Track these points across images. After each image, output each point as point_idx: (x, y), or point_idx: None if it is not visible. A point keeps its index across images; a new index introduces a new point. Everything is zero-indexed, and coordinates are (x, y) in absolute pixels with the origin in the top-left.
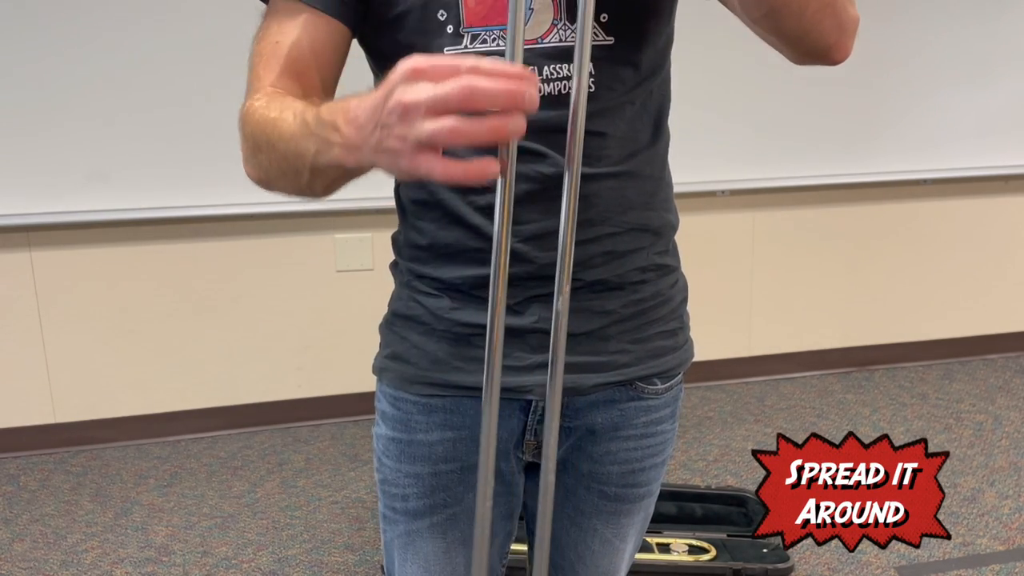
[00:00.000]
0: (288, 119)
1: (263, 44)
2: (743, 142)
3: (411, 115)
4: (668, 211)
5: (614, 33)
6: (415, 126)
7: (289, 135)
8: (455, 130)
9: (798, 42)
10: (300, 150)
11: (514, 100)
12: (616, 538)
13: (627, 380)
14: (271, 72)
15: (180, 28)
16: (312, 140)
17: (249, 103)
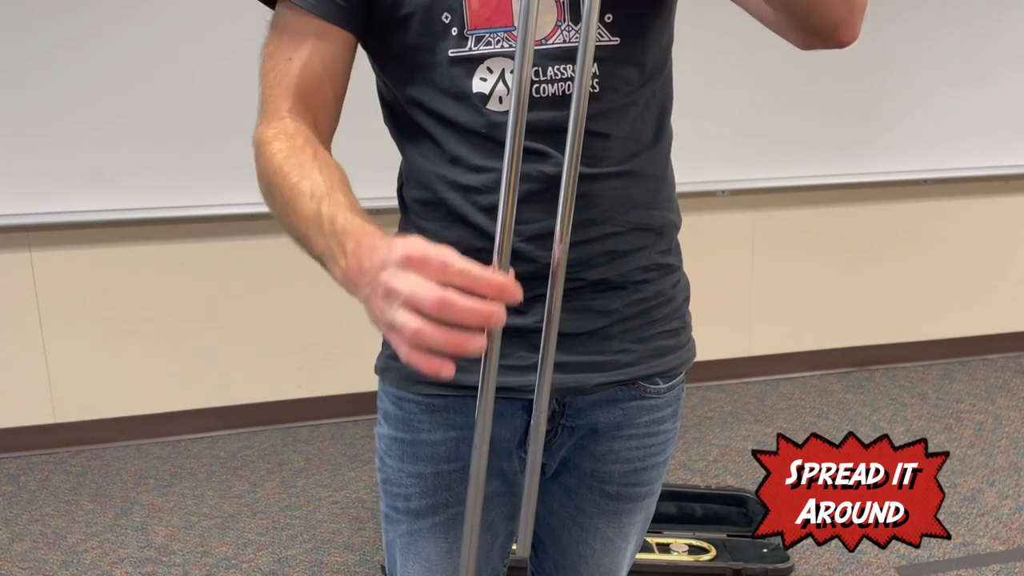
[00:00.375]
0: (304, 194)
1: (275, 60)
2: (743, 142)
3: (391, 299)
4: (670, 210)
5: (619, 33)
6: (391, 309)
7: (303, 217)
8: (419, 333)
9: (806, 18)
10: (309, 238)
11: (482, 321)
12: (618, 537)
13: (629, 379)
14: (286, 95)
15: (180, 28)
16: (321, 241)
17: (267, 133)
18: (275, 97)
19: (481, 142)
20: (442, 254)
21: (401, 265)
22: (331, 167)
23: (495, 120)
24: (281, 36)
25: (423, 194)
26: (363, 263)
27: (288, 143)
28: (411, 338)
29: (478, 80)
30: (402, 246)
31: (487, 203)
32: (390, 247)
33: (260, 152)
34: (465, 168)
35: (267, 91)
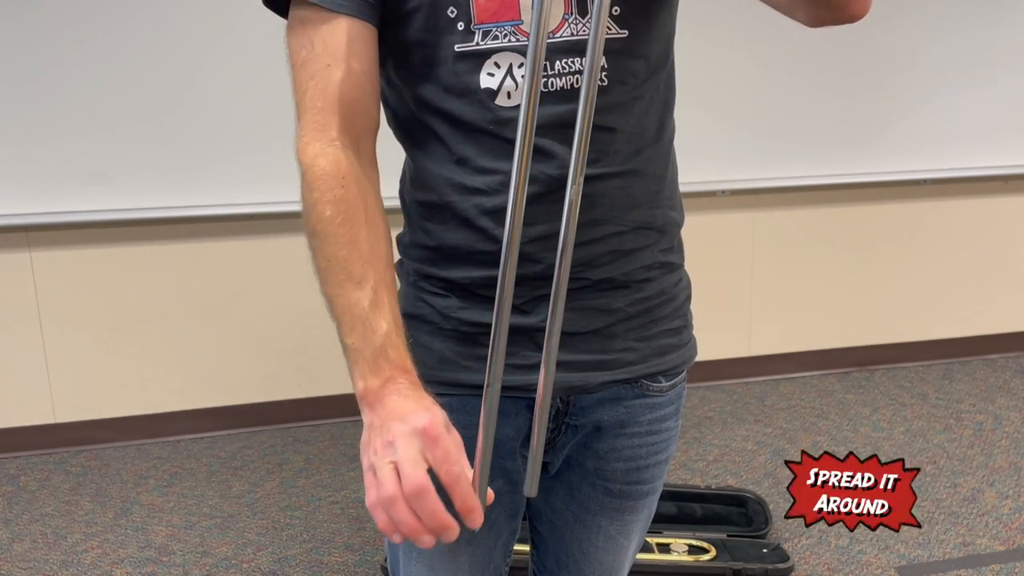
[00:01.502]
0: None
1: (313, 68)
2: (743, 142)
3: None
4: (673, 208)
5: (627, 26)
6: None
7: (341, 296)
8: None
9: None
10: (341, 322)
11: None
12: (620, 535)
13: (633, 378)
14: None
15: (181, 28)
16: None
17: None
18: (320, 108)
19: (488, 140)
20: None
21: (415, 433)
22: (378, 239)
23: (503, 116)
24: (313, 41)
25: (427, 196)
26: (386, 403)
27: (341, 191)
28: (383, 499)
29: (485, 75)
30: (426, 419)
31: (492, 206)
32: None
33: (310, 184)
34: (471, 169)
35: (310, 102)
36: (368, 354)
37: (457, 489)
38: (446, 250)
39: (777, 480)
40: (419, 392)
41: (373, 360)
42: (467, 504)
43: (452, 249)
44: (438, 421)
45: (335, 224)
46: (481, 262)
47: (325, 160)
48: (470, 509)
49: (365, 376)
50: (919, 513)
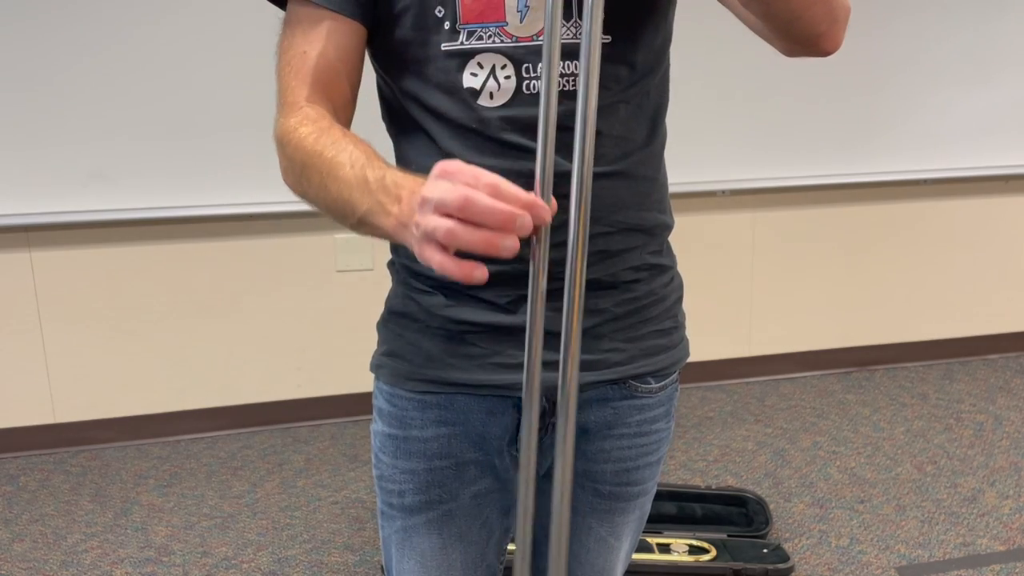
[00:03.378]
0: (344, 164)
1: (290, 54)
2: (743, 142)
3: (424, 208)
4: (662, 212)
5: (611, 31)
6: (425, 218)
7: (344, 182)
8: (450, 232)
9: (788, 28)
10: (353, 201)
11: (505, 222)
12: (611, 536)
13: (620, 378)
14: (303, 86)
15: (181, 28)
16: (368, 199)
17: (290, 122)
18: (292, 89)
19: (473, 138)
20: (475, 168)
21: (437, 177)
22: (363, 141)
23: (485, 116)
24: (295, 31)
25: None
26: (414, 201)
27: (315, 126)
28: (444, 238)
29: (468, 75)
30: (440, 163)
31: None
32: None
33: (287, 141)
34: None
35: (284, 84)
36: (382, 194)
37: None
38: None
39: (777, 480)
40: None
41: (388, 193)
42: (524, 200)
43: None
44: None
45: (319, 142)
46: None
47: (295, 118)
48: (531, 203)
49: (389, 211)
50: (920, 513)
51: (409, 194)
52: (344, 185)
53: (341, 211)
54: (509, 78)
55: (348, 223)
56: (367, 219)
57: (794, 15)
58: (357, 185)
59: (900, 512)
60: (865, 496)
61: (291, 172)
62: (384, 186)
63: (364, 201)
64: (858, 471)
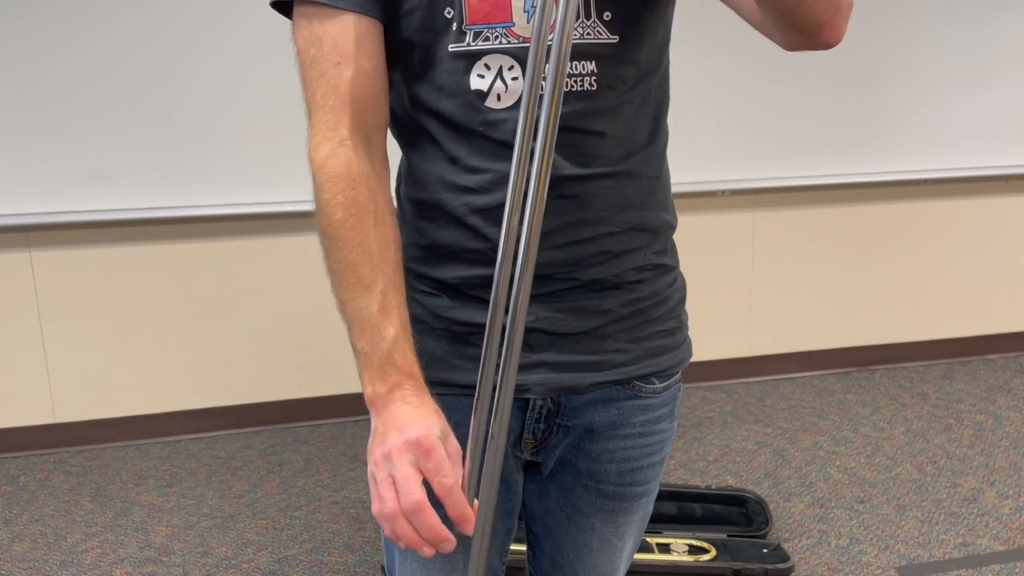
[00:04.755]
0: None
1: (323, 66)
2: (743, 142)
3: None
4: (666, 211)
5: (618, 31)
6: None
7: (352, 299)
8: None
9: (790, 16)
10: (352, 325)
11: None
12: (615, 537)
13: (625, 379)
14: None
15: (181, 29)
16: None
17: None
18: (331, 107)
19: (479, 141)
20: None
21: (409, 445)
22: (388, 243)
23: (492, 118)
24: (322, 40)
25: (420, 194)
26: (390, 409)
27: (352, 194)
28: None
29: (476, 77)
30: (420, 430)
31: (482, 204)
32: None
33: (320, 186)
34: (462, 168)
35: (321, 100)
36: (376, 360)
37: (449, 499)
38: (437, 248)
39: (777, 480)
40: (422, 398)
41: (380, 366)
42: (459, 512)
43: (442, 247)
44: (432, 433)
45: (346, 227)
46: (471, 260)
47: (336, 161)
48: (463, 518)
49: (373, 381)
50: (920, 513)
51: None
52: (352, 306)
53: (340, 311)
54: (517, 79)
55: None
56: (354, 352)
57: (796, 1)
58: (363, 321)
59: (900, 512)
60: (865, 496)
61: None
62: (381, 354)
63: (360, 341)
64: (858, 471)
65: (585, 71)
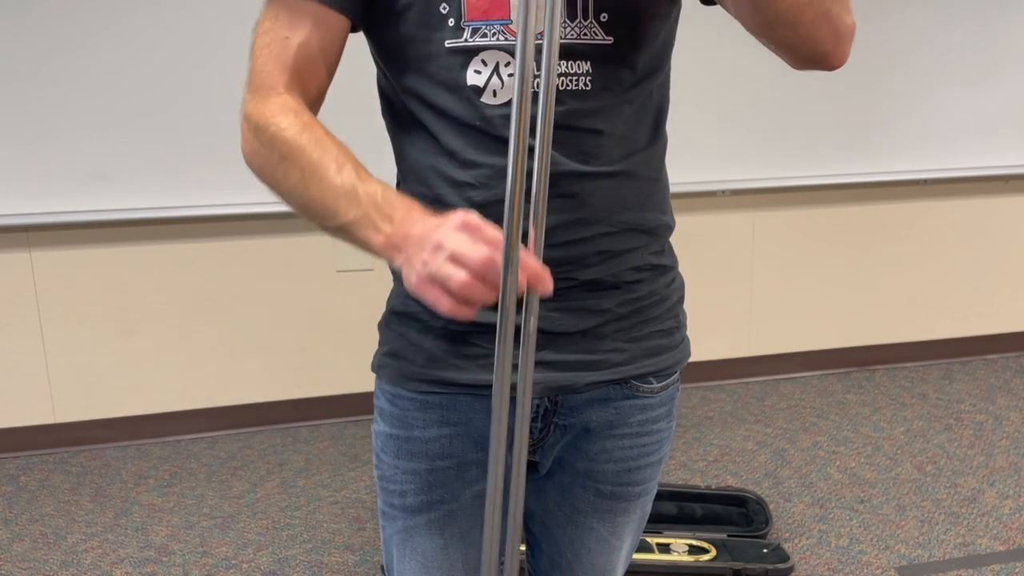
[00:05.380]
0: (329, 168)
1: (271, 36)
2: (743, 142)
3: (438, 252)
4: (664, 212)
5: (613, 33)
6: (436, 262)
7: (329, 187)
8: (466, 285)
9: (795, 50)
10: (337, 208)
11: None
12: (612, 536)
13: (622, 379)
14: (282, 71)
15: (181, 28)
16: (356, 210)
17: (268, 108)
18: (270, 72)
19: (475, 135)
20: (495, 232)
21: (457, 228)
22: (344, 145)
23: (489, 114)
24: (278, 15)
25: (419, 189)
26: (411, 230)
27: (296, 119)
28: (457, 288)
29: (472, 73)
30: (462, 214)
31: (480, 199)
32: (442, 218)
33: (263, 126)
34: (459, 163)
35: (260, 66)
36: (373, 210)
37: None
38: None
39: (777, 480)
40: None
41: (379, 211)
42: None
43: None
44: (473, 215)
45: (301, 138)
46: None
47: (274, 105)
48: (537, 276)
49: (379, 227)
50: (920, 513)
51: (404, 217)
52: (328, 190)
53: (319, 213)
54: (513, 76)
55: (323, 225)
56: (350, 229)
57: (800, 40)
58: (345, 193)
59: (900, 512)
60: (865, 496)
61: (262, 159)
62: (376, 202)
63: (351, 211)
64: (858, 471)
65: (580, 71)
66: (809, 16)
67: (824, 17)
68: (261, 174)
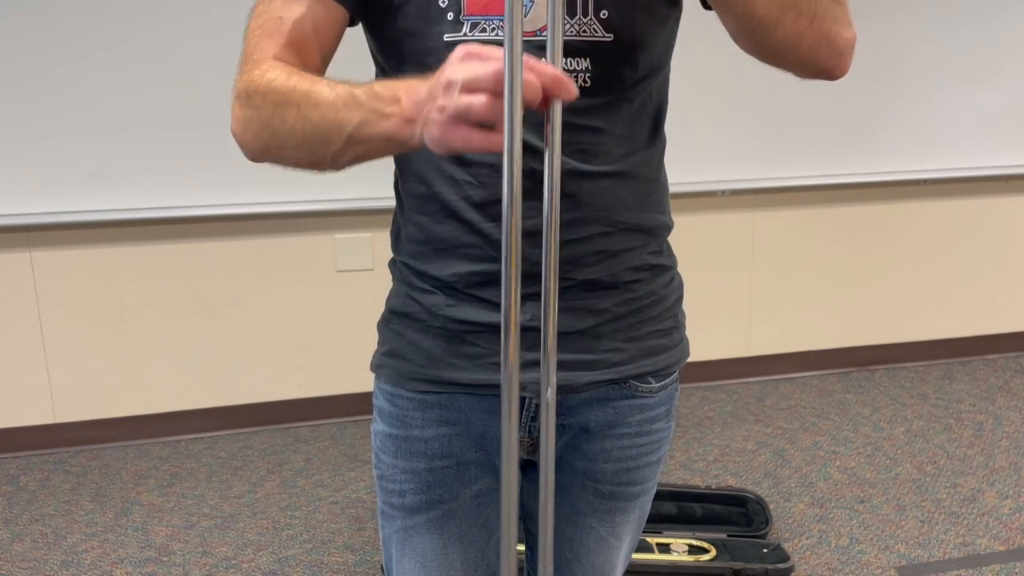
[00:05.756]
0: (323, 91)
1: (264, 18)
2: (743, 142)
3: (451, 89)
4: (662, 213)
5: (613, 31)
6: (452, 98)
7: (327, 104)
8: (487, 105)
9: (797, 68)
10: (340, 119)
11: (535, 92)
12: (611, 536)
13: (621, 378)
14: (274, 44)
15: (180, 28)
16: (359, 111)
17: (257, 72)
18: (261, 48)
19: None
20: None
21: (459, 61)
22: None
23: None
24: (273, 1)
25: (419, 187)
26: (420, 92)
27: (285, 69)
28: (481, 111)
29: None
30: (459, 47)
31: (479, 198)
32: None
33: (253, 89)
34: (459, 160)
35: (252, 46)
36: (376, 102)
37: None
38: (434, 243)
39: (777, 480)
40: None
41: (382, 99)
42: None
43: (439, 242)
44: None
45: (290, 79)
46: (468, 256)
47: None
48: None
49: (388, 113)
50: (920, 513)
51: (408, 91)
52: (328, 107)
53: (325, 135)
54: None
55: (333, 148)
56: (360, 132)
57: (800, 61)
58: (344, 103)
59: (900, 512)
60: (865, 496)
61: (256, 122)
62: (376, 94)
63: (354, 115)
64: (858, 471)
65: (579, 68)
66: (808, 41)
67: (823, 39)
68: (258, 140)
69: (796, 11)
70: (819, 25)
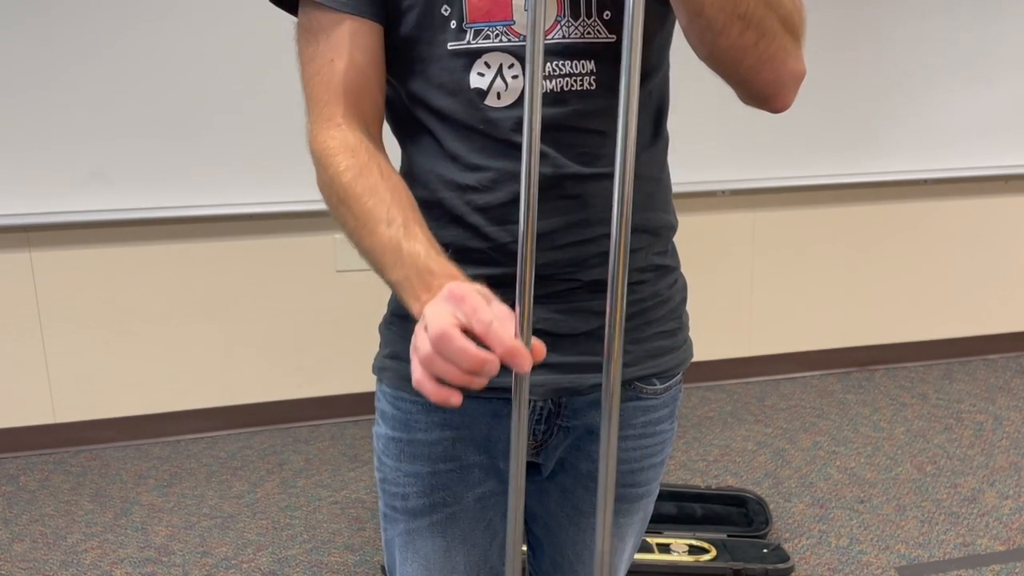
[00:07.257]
0: (381, 221)
1: (318, 63)
2: (743, 142)
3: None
4: (667, 212)
5: (616, 31)
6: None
7: (378, 241)
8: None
9: (739, 88)
10: (384, 265)
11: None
12: (615, 537)
13: (625, 380)
14: (336, 99)
15: (181, 28)
16: (400, 271)
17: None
18: (326, 101)
19: (479, 139)
20: (479, 301)
21: (442, 300)
22: (399, 188)
23: (492, 116)
24: (318, 39)
25: (421, 193)
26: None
27: (353, 160)
28: (421, 361)
29: (475, 75)
30: (450, 286)
31: (483, 203)
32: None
33: (323, 165)
34: (462, 166)
35: (316, 95)
36: (415, 277)
37: (490, 335)
38: None
39: (777, 480)
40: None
41: (420, 278)
42: (507, 347)
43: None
44: (464, 285)
45: (355, 185)
46: (472, 260)
47: (333, 141)
48: (512, 352)
49: (419, 296)
50: (920, 513)
51: (439, 286)
52: (378, 245)
53: (372, 263)
54: (517, 77)
55: (379, 275)
56: (395, 288)
57: (741, 79)
58: (391, 250)
59: (900, 512)
60: (865, 496)
61: (326, 194)
62: (417, 267)
63: (395, 271)
64: (858, 471)
65: (584, 70)
66: (751, 59)
67: (767, 62)
68: (327, 204)
69: (744, 24)
70: (766, 47)
